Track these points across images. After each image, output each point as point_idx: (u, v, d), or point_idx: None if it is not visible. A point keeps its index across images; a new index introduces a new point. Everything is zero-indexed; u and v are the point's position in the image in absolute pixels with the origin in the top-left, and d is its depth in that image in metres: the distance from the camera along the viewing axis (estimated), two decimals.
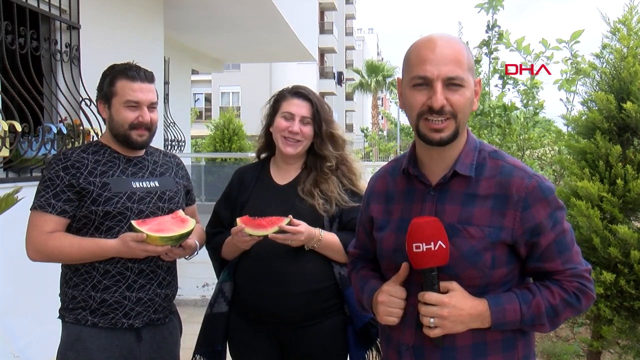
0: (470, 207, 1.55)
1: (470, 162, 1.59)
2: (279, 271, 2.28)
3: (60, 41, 4.59)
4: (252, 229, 2.21)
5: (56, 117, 4.55)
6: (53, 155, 2.32)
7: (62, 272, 2.33)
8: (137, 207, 2.27)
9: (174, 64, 8.76)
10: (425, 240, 1.50)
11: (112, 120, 2.29)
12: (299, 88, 2.46)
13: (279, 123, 2.41)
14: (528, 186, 1.53)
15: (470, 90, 1.54)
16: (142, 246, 2.14)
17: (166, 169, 2.46)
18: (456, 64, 1.50)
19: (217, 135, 12.91)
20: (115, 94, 2.27)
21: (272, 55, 12.54)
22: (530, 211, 1.53)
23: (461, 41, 1.58)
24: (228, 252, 2.43)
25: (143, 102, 2.29)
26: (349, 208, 2.38)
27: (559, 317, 1.58)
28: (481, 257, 1.53)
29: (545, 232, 1.55)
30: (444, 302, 1.51)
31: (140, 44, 5.89)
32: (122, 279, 2.25)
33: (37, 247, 2.19)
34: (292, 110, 2.39)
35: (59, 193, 2.19)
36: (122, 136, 2.30)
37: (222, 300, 2.38)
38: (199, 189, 8.72)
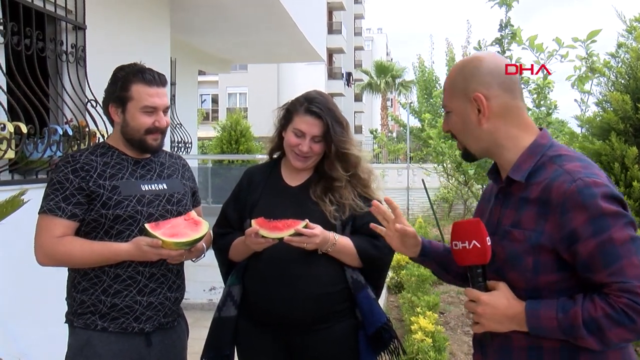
0: (522, 210, 1.62)
1: (527, 168, 1.64)
2: (291, 274, 2.27)
3: (66, 42, 4.61)
4: (267, 231, 2.20)
5: (62, 118, 4.56)
6: (60, 158, 2.32)
7: (70, 276, 2.32)
8: (146, 210, 2.27)
9: (180, 65, 8.77)
10: (461, 239, 1.65)
11: (127, 125, 2.28)
12: (313, 103, 2.36)
13: (290, 138, 2.38)
14: (567, 191, 1.52)
15: (456, 112, 1.72)
16: (156, 250, 2.14)
17: (173, 171, 2.46)
18: (445, 93, 1.76)
19: (224, 137, 12.94)
20: (131, 98, 2.25)
21: (280, 56, 12.55)
22: (566, 217, 1.51)
23: (459, 64, 1.75)
24: (236, 253, 2.41)
25: (160, 107, 2.30)
26: (363, 213, 2.36)
27: (604, 333, 1.48)
28: (522, 261, 1.59)
29: (583, 240, 1.50)
30: (480, 299, 1.63)
31: (146, 44, 5.91)
32: (133, 283, 2.25)
33: (47, 252, 2.18)
34: (302, 129, 2.35)
35: (69, 196, 2.19)
36: (137, 141, 2.30)
37: (231, 304, 2.37)
38: (205, 191, 8.73)
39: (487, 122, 1.68)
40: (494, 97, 1.67)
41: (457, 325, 6.11)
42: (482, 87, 1.67)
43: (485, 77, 1.68)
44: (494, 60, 1.71)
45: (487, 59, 1.71)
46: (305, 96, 2.42)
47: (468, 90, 1.69)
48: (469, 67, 1.71)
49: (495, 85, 1.67)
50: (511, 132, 1.69)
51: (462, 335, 5.78)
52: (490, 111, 1.68)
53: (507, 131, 1.69)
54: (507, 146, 1.70)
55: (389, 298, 7.17)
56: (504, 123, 1.69)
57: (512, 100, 1.69)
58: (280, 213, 2.29)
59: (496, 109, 1.68)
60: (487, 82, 1.67)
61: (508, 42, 5.05)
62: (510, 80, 1.69)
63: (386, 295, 7.04)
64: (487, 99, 1.67)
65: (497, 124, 1.68)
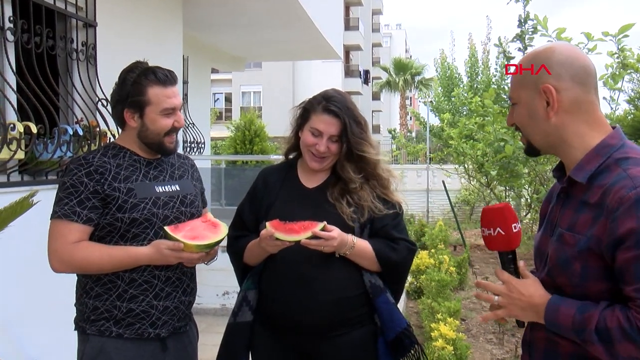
0: (579, 214, 1.60)
1: (590, 169, 1.61)
2: (308, 278, 2.28)
3: (76, 40, 4.65)
4: (283, 234, 2.19)
5: (72, 118, 4.60)
6: (72, 160, 2.32)
7: (81, 281, 2.32)
8: (162, 212, 2.28)
9: (193, 62, 8.81)
10: (487, 226, 1.75)
11: (147, 129, 2.29)
12: (331, 102, 2.36)
13: (307, 137, 2.38)
14: (624, 196, 1.48)
15: (523, 104, 1.69)
16: (177, 254, 2.16)
17: (183, 172, 2.48)
18: (512, 84, 1.74)
19: (238, 137, 12.97)
20: (149, 102, 2.25)
21: (295, 54, 12.57)
22: (617, 222, 1.49)
23: (530, 54, 1.72)
24: (252, 256, 2.42)
25: (177, 107, 2.32)
26: (381, 216, 2.36)
27: (613, 344, 1.47)
28: (571, 265, 1.59)
29: (624, 247, 1.47)
30: (510, 282, 1.68)
31: (158, 42, 5.94)
32: (149, 287, 2.26)
33: (63, 259, 2.18)
34: (320, 128, 2.35)
35: (84, 200, 2.19)
36: (156, 144, 2.32)
37: (247, 309, 2.37)
38: (218, 193, 8.75)
39: (555, 116, 1.65)
40: (565, 90, 1.63)
41: (480, 332, 6.07)
42: (552, 79, 1.63)
43: (557, 68, 1.64)
44: (568, 51, 1.67)
45: (560, 50, 1.67)
46: (323, 94, 2.42)
47: (538, 82, 1.65)
48: (541, 57, 1.67)
49: (567, 77, 1.63)
50: (580, 128, 1.65)
51: (484, 343, 5.73)
52: (560, 105, 1.64)
53: (575, 127, 1.65)
54: (574, 144, 1.66)
55: (408, 304, 7.15)
56: (573, 119, 1.64)
57: (584, 94, 1.64)
58: (297, 215, 2.29)
59: (566, 103, 1.64)
60: (559, 73, 1.63)
61: (529, 38, 4.98)
62: (585, 73, 1.64)
63: (405, 301, 7.01)
64: (558, 91, 1.63)
65: (565, 119, 1.64)
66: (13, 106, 3.90)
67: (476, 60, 21.68)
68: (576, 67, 1.63)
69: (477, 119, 8.19)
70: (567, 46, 1.73)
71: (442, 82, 21.74)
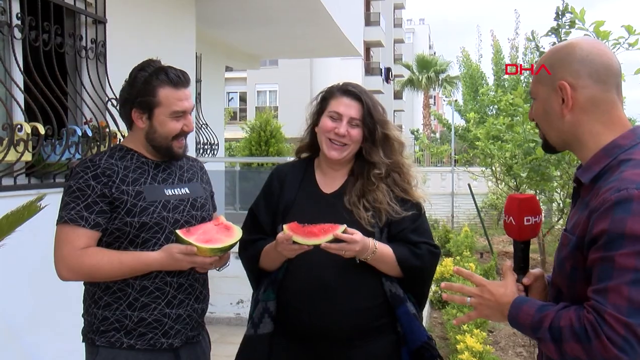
0: (580, 214, 1.64)
1: (597, 170, 1.64)
2: (328, 286, 2.28)
3: (85, 37, 4.69)
4: (301, 238, 2.19)
5: (81, 118, 4.64)
6: (78, 162, 2.34)
7: (89, 290, 2.33)
8: (172, 216, 2.29)
9: (206, 60, 8.86)
10: (505, 212, 1.89)
11: (155, 131, 2.30)
12: (350, 85, 2.43)
13: (325, 123, 2.39)
14: (607, 198, 1.52)
15: (540, 100, 1.74)
16: (190, 258, 2.16)
17: (193, 174, 2.49)
18: (533, 79, 1.79)
19: (253, 138, 13.01)
20: (159, 104, 2.26)
21: (313, 51, 12.57)
22: (593, 222, 1.54)
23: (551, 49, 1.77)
24: (268, 261, 2.41)
25: (188, 110, 2.32)
26: (399, 219, 2.35)
27: (562, 343, 1.54)
28: (564, 266, 1.65)
29: (594, 248, 1.52)
30: (481, 283, 1.79)
31: (170, 39, 5.98)
32: (161, 295, 2.27)
33: (71, 266, 2.19)
34: (340, 110, 2.37)
35: (91, 204, 2.19)
36: (164, 148, 2.32)
37: (269, 320, 2.36)
38: (233, 197, 8.77)
39: (569, 114, 1.67)
40: (582, 87, 1.65)
41: (509, 345, 6.01)
42: (569, 76, 1.66)
43: (575, 65, 1.66)
44: (590, 47, 1.68)
45: (581, 46, 1.68)
46: (341, 83, 2.49)
47: (554, 78, 1.69)
48: (560, 53, 1.71)
49: (585, 74, 1.65)
50: (594, 127, 1.67)
51: (513, 357, 5.68)
52: (575, 102, 1.66)
53: (590, 126, 1.67)
54: (587, 143, 1.68)
55: (432, 314, 7.11)
56: (589, 117, 1.66)
57: (603, 92, 1.65)
58: (314, 221, 2.29)
59: (582, 101, 1.66)
60: (576, 70, 1.65)
61: (565, 32, 4.92)
62: (605, 71, 1.65)
63: (429, 311, 6.97)
64: (574, 88, 1.65)
65: (580, 117, 1.67)
66: (20, 106, 3.94)
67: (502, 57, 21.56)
68: (596, 65, 1.65)
69: (505, 119, 8.14)
70: (590, 42, 1.74)
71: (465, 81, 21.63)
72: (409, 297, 2.38)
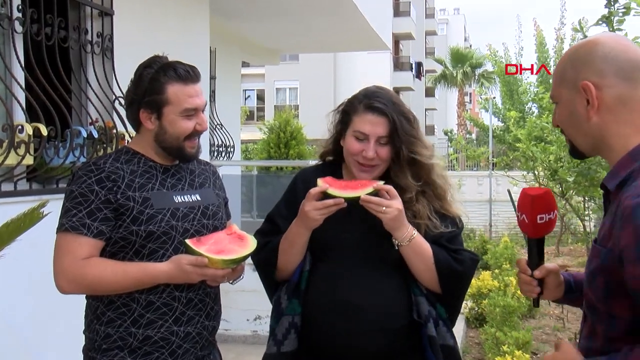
0: (607, 224, 1.64)
1: (622, 175, 1.64)
2: (355, 304, 2.28)
3: (91, 30, 4.74)
4: (337, 190, 2.21)
5: (86, 118, 4.68)
6: (81, 166, 2.34)
7: (91, 305, 2.33)
8: (181, 225, 2.29)
9: (221, 55, 8.90)
10: (518, 209, 1.98)
11: (165, 132, 2.30)
12: (374, 98, 2.34)
13: (351, 144, 2.35)
14: (627, 206, 1.51)
15: (563, 103, 1.74)
16: (200, 270, 2.15)
17: (204, 179, 2.49)
18: (554, 81, 1.80)
19: (272, 140, 13.03)
20: (169, 102, 2.26)
21: (338, 44, 12.59)
22: (619, 234, 1.53)
23: (572, 48, 1.78)
24: (286, 249, 2.38)
25: (200, 108, 2.32)
26: (437, 233, 2.34)
27: None
28: (595, 279, 1.64)
29: (627, 264, 1.50)
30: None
31: (182, 32, 6.01)
32: (168, 311, 2.27)
33: (72, 277, 2.19)
34: (365, 130, 2.32)
35: (95, 211, 2.20)
36: (175, 149, 2.33)
37: (295, 337, 2.35)
38: (250, 204, 8.80)
39: (596, 116, 1.67)
40: (608, 86, 1.65)
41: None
42: (593, 75, 1.66)
43: (599, 63, 1.66)
44: (613, 43, 1.68)
45: (603, 42, 1.69)
46: (363, 92, 2.40)
47: (577, 79, 1.69)
48: (581, 51, 1.71)
49: (610, 73, 1.64)
50: (622, 130, 1.66)
51: None
52: (601, 103, 1.66)
53: (617, 128, 1.66)
54: (615, 146, 1.68)
55: (468, 333, 7.05)
56: (616, 118, 1.66)
57: (632, 91, 1.65)
58: (345, 232, 2.30)
59: (609, 101, 1.65)
60: (601, 69, 1.65)
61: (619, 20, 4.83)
62: (632, 67, 1.65)
63: (464, 330, 6.92)
64: (598, 88, 1.65)
65: (607, 119, 1.66)
66: (21, 105, 3.98)
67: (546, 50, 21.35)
68: (621, 61, 1.65)
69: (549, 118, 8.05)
70: (614, 38, 1.75)
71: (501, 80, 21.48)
72: (440, 314, 2.37)
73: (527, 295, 2.06)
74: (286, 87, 39.88)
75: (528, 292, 1.99)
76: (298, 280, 2.39)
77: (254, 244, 2.25)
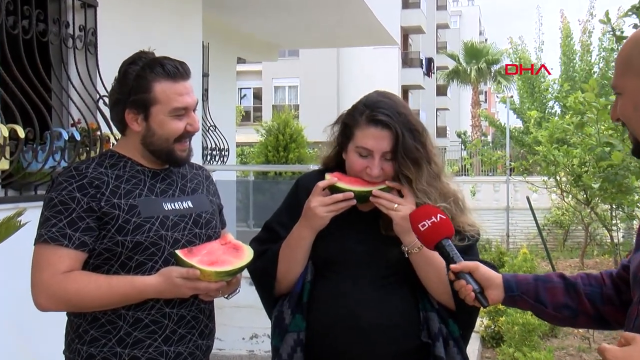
0: None
1: None
2: (361, 323, 2.28)
3: (72, 23, 4.73)
4: (347, 184, 2.25)
5: (67, 119, 4.67)
6: (61, 171, 2.34)
7: (72, 323, 2.32)
8: (171, 235, 2.28)
9: (215, 51, 8.90)
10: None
11: (153, 134, 2.29)
12: (377, 109, 2.31)
13: (354, 161, 2.33)
14: None
15: (628, 94, 1.72)
16: (192, 283, 2.14)
17: (197, 185, 2.48)
18: (616, 70, 1.77)
19: (270, 142, 13.07)
20: (157, 101, 2.26)
21: (341, 39, 12.59)
22: None
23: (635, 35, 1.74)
24: (287, 256, 2.37)
25: (191, 107, 2.32)
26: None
27: None
28: None
29: None
30: None
31: (172, 25, 6.01)
32: (158, 329, 2.26)
33: (52, 293, 2.18)
34: (368, 146, 2.29)
35: (76, 220, 2.19)
36: (165, 152, 2.32)
37: (301, 356, 2.35)
38: (246, 211, 8.80)
39: None
40: None
41: None
42: None
43: None
44: None
45: None
46: (364, 102, 2.37)
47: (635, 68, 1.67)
48: None
49: None
50: None
51: None
52: None
53: None
54: None
55: (484, 353, 7.04)
56: None
57: None
58: (351, 244, 2.31)
59: None
60: None
61: None
62: None
63: (479, 350, 6.91)
64: None
65: None
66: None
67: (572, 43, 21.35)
68: None
69: (573, 118, 8.03)
70: None
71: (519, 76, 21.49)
72: (452, 332, 2.37)
73: (469, 301, 2.09)
74: (285, 86, 39.93)
75: (466, 295, 2.04)
76: (300, 291, 2.38)
77: (250, 255, 2.24)
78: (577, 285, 2.06)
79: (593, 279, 2.10)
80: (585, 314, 2.04)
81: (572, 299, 2.04)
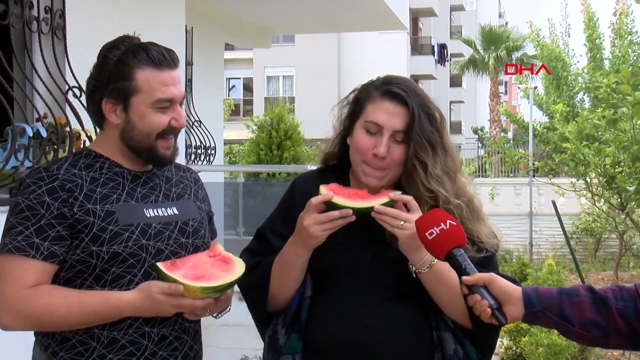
0: None
1: None
2: (367, 344, 2.29)
3: (37, 4, 4.72)
4: (345, 199, 2.22)
5: (32, 113, 4.67)
6: (29, 172, 2.34)
7: (40, 343, 2.31)
8: (154, 245, 2.28)
9: (200, 36, 8.91)
10: None
11: (133, 127, 2.29)
12: (394, 83, 2.34)
13: (360, 139, 2.34)
14: None
15: None
16: (175, 300, 2.14)
17: (184, 189, 2.49)
18: None
19: (262, 140, 13.09)
20: (138, 90, 2.26)
21: (342, 23, 12.61)
22: None
23: None
24: (281, 274, 2.38)
25: (177, 99, 2.32)
26: None
27: None
28: None
29: None
30: None
31: (151, 7, 6.02)
32: (136, 350, 2.25)
33: (16, 310, 2.18)
34: (379, 120, 2.30)
35: (45, 227, 2.19)
36: (146, 150, 2.32)
37: None
38: (235, 218, 8.81)
39: None
40: None
41: None
42: None
43: None
44: None
45: None
46: (382, 78, 2.41)
47: None
48: None
49: None
50: None
51: None
52: None
53: None
54: None
55: None
56: None
57: None
58: (355, 256, 2.32)
59: None
60: None
61: None
62: None
63: None
64: None
65: None
66: None
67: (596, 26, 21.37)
68: None
69: (605, 111, 8.03)
70: None
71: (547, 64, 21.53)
72: (469, 354, 2.37)
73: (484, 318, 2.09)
74: (279, 75, 40.00)
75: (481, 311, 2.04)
76: (297, 308, 2.39)
77: (242, 269, 2.24)
78: (607, 299, 2.05)
79: (626, 292, 2.08)
80: (618, 332, 2.03)
81: (601, 316, 2.03)
